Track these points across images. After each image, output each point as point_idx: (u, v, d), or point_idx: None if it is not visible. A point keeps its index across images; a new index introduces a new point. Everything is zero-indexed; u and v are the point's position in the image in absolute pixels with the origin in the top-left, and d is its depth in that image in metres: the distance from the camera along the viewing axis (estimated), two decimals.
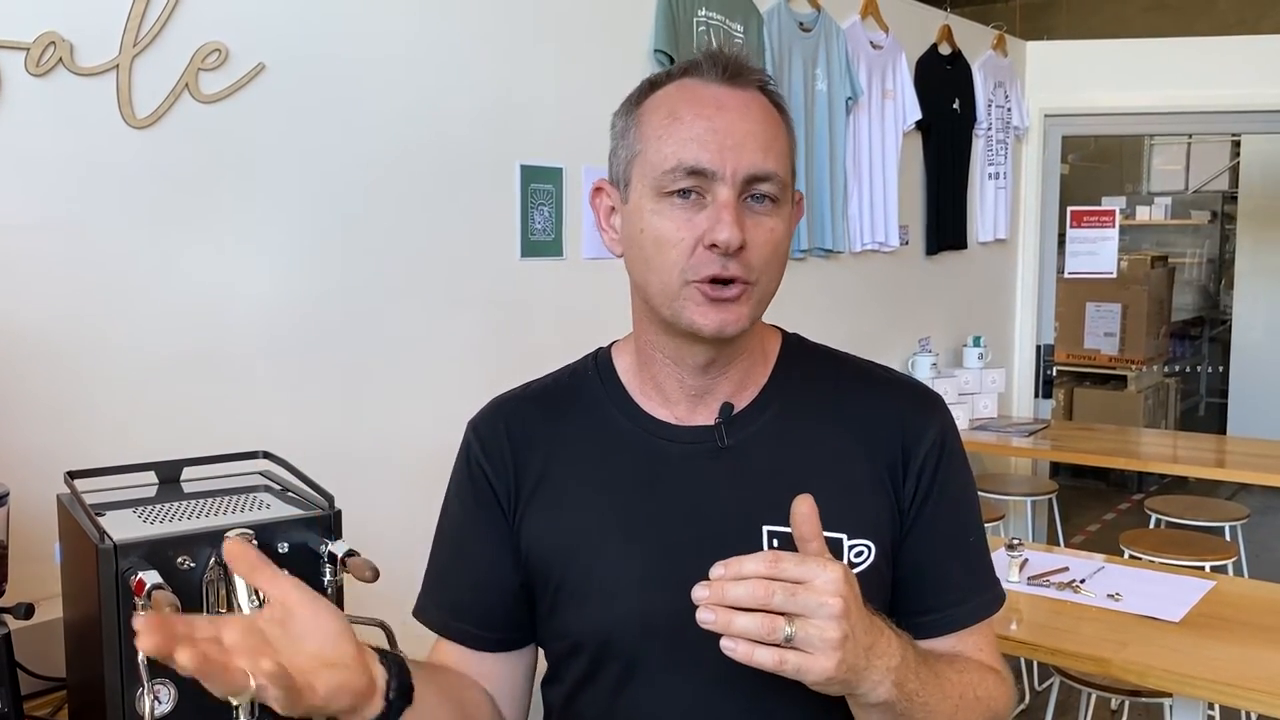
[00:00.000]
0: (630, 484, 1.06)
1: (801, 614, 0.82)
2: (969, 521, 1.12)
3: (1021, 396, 4.76)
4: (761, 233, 0.99)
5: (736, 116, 0.99)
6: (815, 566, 0.84)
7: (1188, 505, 4.05)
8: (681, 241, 0.98)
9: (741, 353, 1.07)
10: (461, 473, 1.14)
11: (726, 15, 3.01)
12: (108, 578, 1.17)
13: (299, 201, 2.06)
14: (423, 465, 2.27)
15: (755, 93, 1.02)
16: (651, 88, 1.04)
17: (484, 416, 1.16)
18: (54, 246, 1.73)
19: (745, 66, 1.02)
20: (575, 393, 1.13)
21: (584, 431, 1.10)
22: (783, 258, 1.03)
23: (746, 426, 1.07)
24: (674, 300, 1.00)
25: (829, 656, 0.83)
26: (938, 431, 1.08)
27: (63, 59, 1.71)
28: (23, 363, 1.70)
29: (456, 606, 1.12)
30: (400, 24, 2.22)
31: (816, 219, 3.43)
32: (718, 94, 1.00)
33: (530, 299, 2.52)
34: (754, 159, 0.97)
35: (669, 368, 1.07)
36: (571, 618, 1.05)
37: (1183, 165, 8.29)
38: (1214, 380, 7.84)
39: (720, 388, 1.07)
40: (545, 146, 2.53)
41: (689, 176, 0.97)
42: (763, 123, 1.00)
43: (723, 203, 0.96)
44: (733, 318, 0.99)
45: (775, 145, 1.00)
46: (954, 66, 4.13)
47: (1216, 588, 2.33)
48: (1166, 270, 7.06)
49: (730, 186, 0.97)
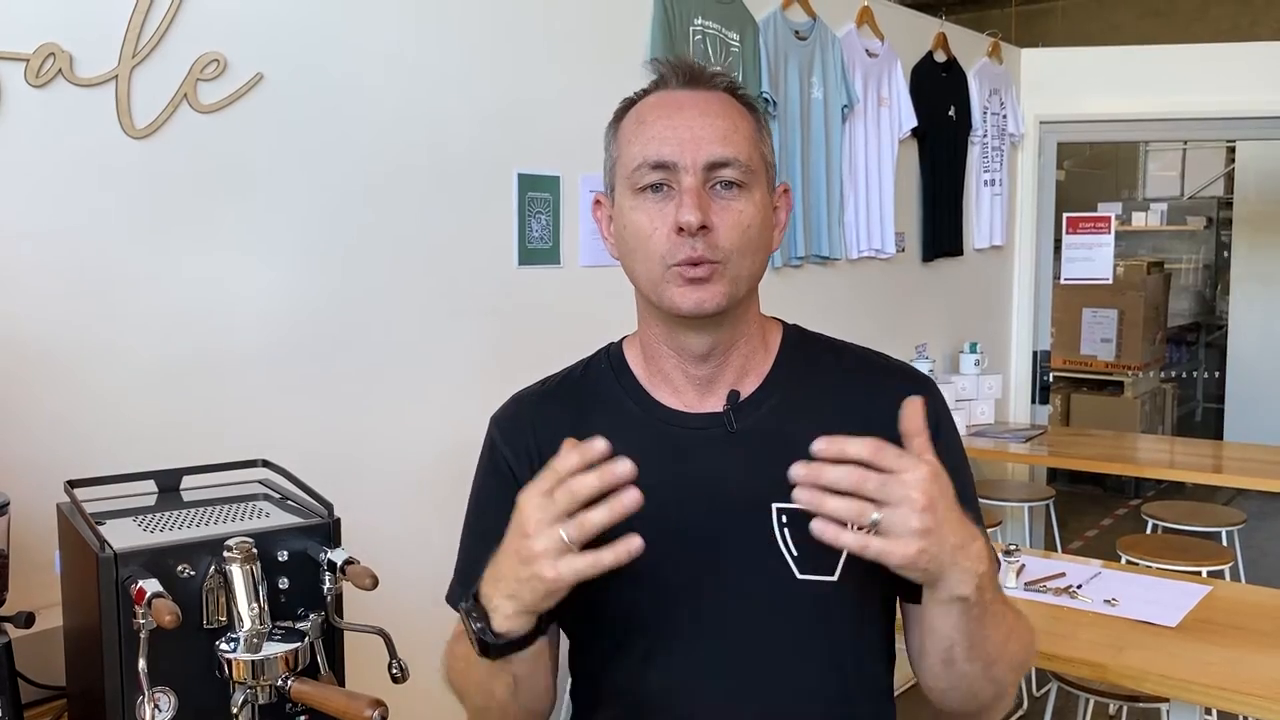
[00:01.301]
0: (645, 467, 1.10)
1: (889, 503, 0.89)
2: (964, 495, 1.16)
3: (1018, 402, 4.77)
4: (729, 215, 1.07)
5: (695, 112, 1.08)
6: (910, 461, 0.91)
7: (1184, 510, 4.06)
8: (657, 231, 1.07)
9: (739, 340, 1.15)
10: (486, 465, 1.21)
11: (722, 24, 3.02)
12: (108, 586, 1.17)
13: (297, 211, 2.07)
14: (422, 472, 2.28)
15: (717, 92, 1.11)
16: (628, 105, 1.15)
17: (505, 411, 1.23)
18: (54, 256, 1.74)
19: (705, 72, 1.13)
20: (591, 385, 1.21)
21: (600, 420, 1.16)
22: (755, 240, 1.09)
23: (753, 412, 1.14)
24: (658, 285, 1.09)
25: (910, 544, 0.89)
26: (930, 415, 1.13)
27: (62, 70, 1.72)
28: (23, 372, 1.70)
29: None
30: (398, 34, 2.23)
31: (813, 226, 3.44)
32: (678, 97, 1.10)
33: (528, 306, 2.53)
34: (712, 148, 1.06)
35: (673, 359, 1.15)
36: (596, 595, 1.10)
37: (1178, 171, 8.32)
38: (1210, 385, 7.85)
39: (724, 375, 1.15)
40: (542, 155, 2.53)
41: (655, 170, 1.07)
42: (722, 116, 1.09)
43: (685, 189, 1.05)
44: (707, 295, 1.06)
45: (735, 134, 1.08)
46: (949, 74, 4.14)
47: (1213, 593, 2.34)
48: (1162, 276, 7.08)
49: (692, 174, 1.06)
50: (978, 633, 1.01)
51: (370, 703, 1.15)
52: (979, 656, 1.04)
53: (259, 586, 1.22)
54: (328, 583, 1.29)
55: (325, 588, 1.29)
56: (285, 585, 1.28)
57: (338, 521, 1.34)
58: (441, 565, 1.22)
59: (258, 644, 1.20)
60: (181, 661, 1.20)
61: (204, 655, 1.21)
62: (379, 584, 1.27)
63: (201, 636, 1.21)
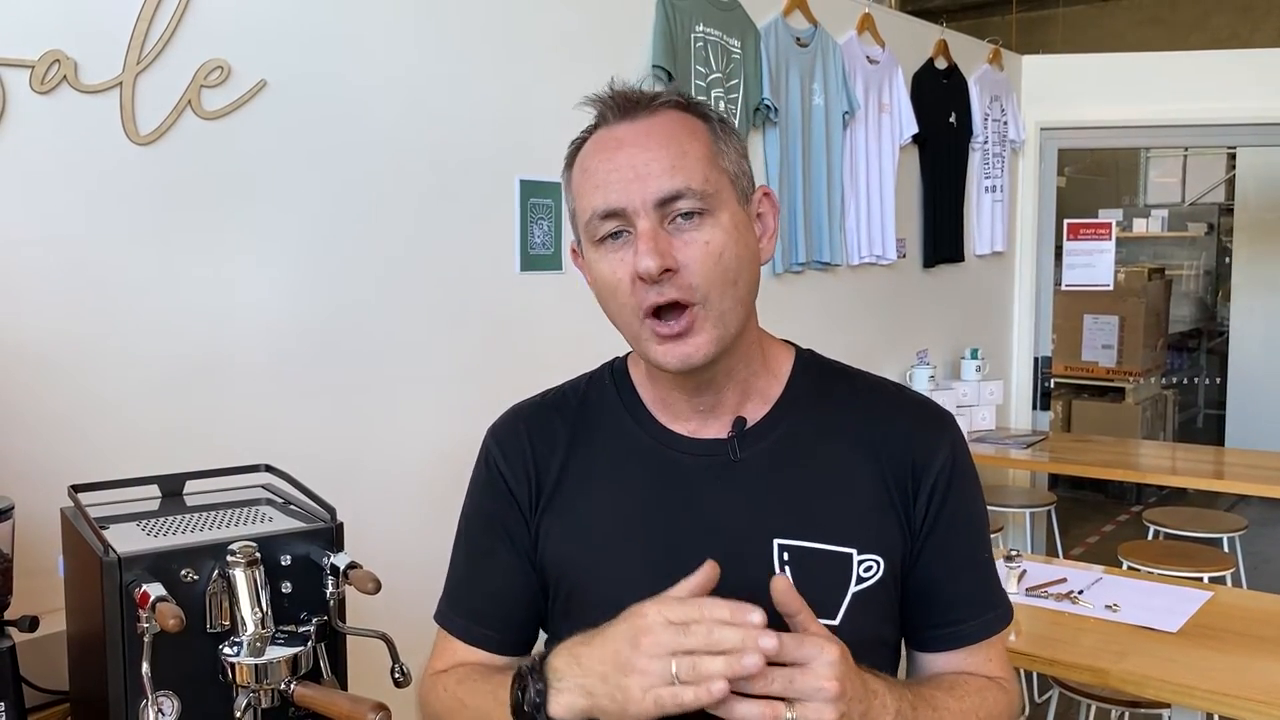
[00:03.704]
0: (644, 493, 1.09)
1: (800, 698, 0.86)
2: (979, 540, 1.14)
3: (1019, 409, 4.77)
4: (695, 249, 0.99)
5: (635, 149, 1.00)
6: (812, 647, 0.88)
7: (1186, 517, 4.06)
8: (621, 282, 1.01)
9: (737, 365, 1.08)
10: (481, 478, 1.17)
11: (724, 31, 3.03)
12: (111, 590, 1.18)
13: (300, 217, 2.07)
14: (423, 477, 2.28)
15: (659, 114, 1.03)
16: (576, 149, 1.08)
17: (503, 423, 1.19)
18: (58, 262, 1.74)
19: (642, 96, 1.04)
20: (593, 401, 1.16)
21: (601, 439, 1.13)
22: (733, 267, 1.01)
23: (758, 441, 1.09)
24: (638, 340, 1.03)
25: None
26: (948, 452, 1.10)
27: (66, 77, 1.73)
28: (27, 377, 1.71)
29: (478, 613, 1.15)
30: (400, 40, 2.24)
31: (814, 232, 3.45)
32: (617, 133, 1.03)
33: (529, 312, 2.53)
34: (659, 183, 0.98)
35: (670, 389, 1.10)
36: (581, 621, 1.07)
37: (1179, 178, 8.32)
38: (1211, 392, 7.85)
39: (726, 403, 1.09)
40: (544, 161, 2.54)
41: (607, 220, 1.00)
42: (665, 143, 1.00)
43: (641, 234, 0.98)
44: (691, 349, 1.00)
45: (684, 160, 1.00)
46: (950, 81, 4.15)
47: (1214, 599, 2.34)
48: (1163, 282, 7.08)
49: (645, 216, 0.99)
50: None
51: (373, 706, 1.16)
52: None
53: (262, 591, 1.23)
54: (330, 587, 1.30)
55: (328, 592, 1.30)
56: (288, 589, 1.28)
57: (340, 526, 1.34)
58: (444, 569, 1.22)
59: (261, 648, 1.21)
60: (185, 665, 1.20)
61: (207, 659, 1.21)
62: (381, 588, 1.27)
63: (205, 641, 1.22)
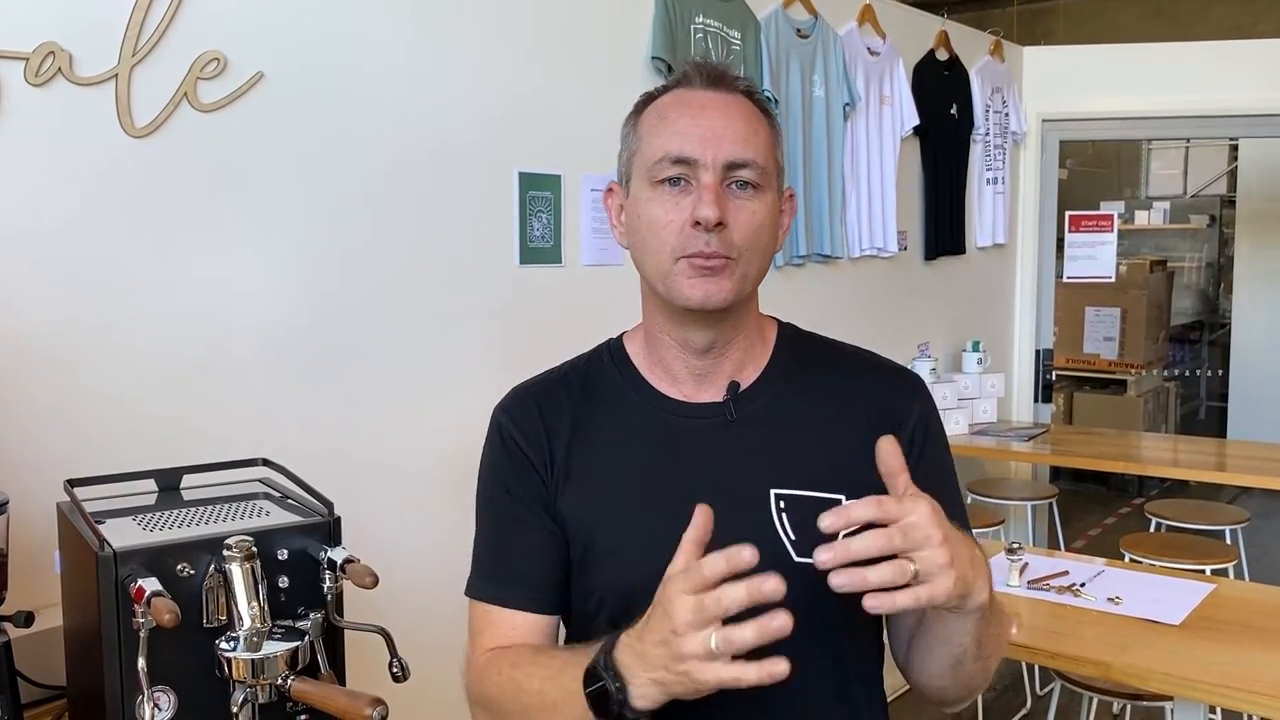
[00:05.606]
0: (648, 453, 1.18)
1: (916, 549, 0.91)
2: (955, 497, 1.21)
3: (1021, 401, 4.76)
4: (744, 215, 1.10)
5: (717, 114, 1.12)
6: (909, 503, 0.93)
7: (1188, 509, 4.05)
8: (671, 223, 1.10)
9: (739, 335, 1.18)
10: (497, 454, 1.22)
11: (724, 22, 3.02)
12: (108, 585, 1.17)
13: (298, 210, 2.07)
14: (422, 470, 2.27)
15: (738, 96, 1.15)
16: (649, 99, 1.19)
17: (513, 400, 1.25)
18: (54, 255, 1.73)
19: (728, 75, 1.16)
20: (594, 377, 1.24)
21: (604, 411, 1.21)
22: (765, 241, 1.14)
23: (751, 403, 1.19)
24: (667, 277, 1.12)
25: (946, 579, 0.92)
26: (922, 406, 1.22)
27: (62, 69, 1.72)
28: (23, 370, 1.70)
29: (514, 576, 1.19)
30: (398, 32, 2.23)
31: (815, 225, 3.44)
32: (701, 97, 1.14)
33: (529, 305, 2.52)
34: (733, 148, 1.10)
35: (675, 350, 1.18)
36: (598, 577, 1.15)
37: (1181, 170, 8.31)
38: (1214, 384, 7.84)
39: (722, 368, 1.19)
40: (543, 154, 2.53)
41: (675, 165, 1.10)
42: (742, 119, 1.13)
43: (704, 185, 1.09)
44: (716, 289, 1.10)
45: (754, 139, 1.12)
46: (951, 72, 4.14)
47: (1217, 591, 2.33)
48: (1165, 274, 7.07)
49: (711, 172, 1.09)
50: (986, 632, 1.05)
51: (370, 701, 1.15)
52: (984, 654, 1.08)
53: (259, 585, 1.22)
54: (328, 581, 1.29)
55: (325, 586, 1.29)
56: (285, 584, 1.27)
57: (338, 520, 1.34)
58: (442, 563, 1.22)
59: (258, 643, 1.20)
60: (181, 660, 1.19)
61: (204, 654, 1.21)
62: (379, 582, 1.27)
63: (201, 635, 1.21)
